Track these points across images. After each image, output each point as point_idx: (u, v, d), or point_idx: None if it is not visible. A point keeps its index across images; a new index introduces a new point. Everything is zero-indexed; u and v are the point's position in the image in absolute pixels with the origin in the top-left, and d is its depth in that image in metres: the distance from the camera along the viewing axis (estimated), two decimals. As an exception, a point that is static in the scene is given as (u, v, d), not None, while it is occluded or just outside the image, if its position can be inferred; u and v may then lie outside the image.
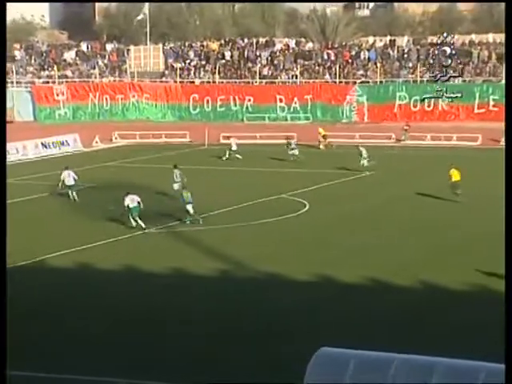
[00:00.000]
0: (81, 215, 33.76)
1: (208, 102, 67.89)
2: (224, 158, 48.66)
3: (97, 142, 57.01)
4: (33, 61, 75.56)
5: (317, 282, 24.63)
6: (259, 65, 71.39)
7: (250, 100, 67.27)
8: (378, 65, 68.02)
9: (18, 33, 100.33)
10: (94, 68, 73.16)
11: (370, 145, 54.49)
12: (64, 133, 56.14)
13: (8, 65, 74.02)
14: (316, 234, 30.69)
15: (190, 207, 32.01)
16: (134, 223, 30.97)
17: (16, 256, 27.28)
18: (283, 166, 45.99)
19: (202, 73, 72.16)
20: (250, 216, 33.39)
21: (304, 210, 34.78)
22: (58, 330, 20.98)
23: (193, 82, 70.87)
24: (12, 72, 71.74)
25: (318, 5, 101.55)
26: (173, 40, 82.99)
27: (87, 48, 77.34)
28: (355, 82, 66.60)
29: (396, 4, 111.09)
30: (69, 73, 73.15)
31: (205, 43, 78.87)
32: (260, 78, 69.89)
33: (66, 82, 71.01)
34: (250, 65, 72.09)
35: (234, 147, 49.38)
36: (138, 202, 31.12)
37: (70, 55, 75.95)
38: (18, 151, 51.80)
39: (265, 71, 70.98)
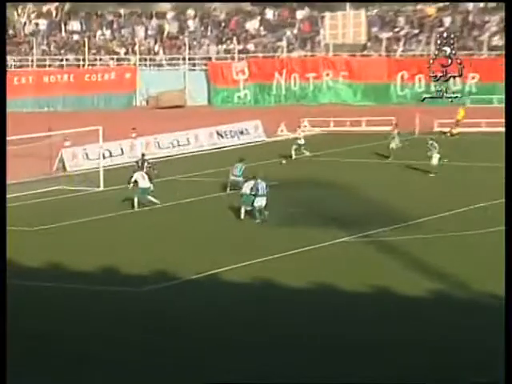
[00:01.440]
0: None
1: (420, 80, 67.20)
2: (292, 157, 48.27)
3: (282, 131, 57.79)
4: (209, 32, 77.55)
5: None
6: (488, 33, 70.02)
7: (473, 78, 66.09)
8: None
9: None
10: (281, 40, 74.27)
11: None
12: (244, 119, 57.27)
13: (180, 37, 76.54)
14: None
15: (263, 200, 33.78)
16: (242, 215, 34.15)
17: (186, 268, 28.07)
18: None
19: (414, 44, 71.64)
20: (465, 225, 33.03)
21: None
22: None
23: (403, 56, 70.49)
24: (184, 46, 73.93)
25: None
26: (378, 4, 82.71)
27: (273, 16, 78.60)
28: None
29: None
30: (251, 46, 74.68)
31: (418, 7, 78.18)
32: (488, 50, 68.54)
33: (248, 57, 72.52)
34: (475, 33, 70.90)
35: (302, 141, 48.88)
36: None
37: (252, 25, 77.51)
38: (190, 142, 53.10)
39: (494, 41, 69.54)
